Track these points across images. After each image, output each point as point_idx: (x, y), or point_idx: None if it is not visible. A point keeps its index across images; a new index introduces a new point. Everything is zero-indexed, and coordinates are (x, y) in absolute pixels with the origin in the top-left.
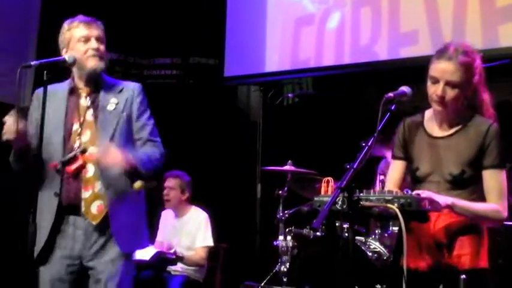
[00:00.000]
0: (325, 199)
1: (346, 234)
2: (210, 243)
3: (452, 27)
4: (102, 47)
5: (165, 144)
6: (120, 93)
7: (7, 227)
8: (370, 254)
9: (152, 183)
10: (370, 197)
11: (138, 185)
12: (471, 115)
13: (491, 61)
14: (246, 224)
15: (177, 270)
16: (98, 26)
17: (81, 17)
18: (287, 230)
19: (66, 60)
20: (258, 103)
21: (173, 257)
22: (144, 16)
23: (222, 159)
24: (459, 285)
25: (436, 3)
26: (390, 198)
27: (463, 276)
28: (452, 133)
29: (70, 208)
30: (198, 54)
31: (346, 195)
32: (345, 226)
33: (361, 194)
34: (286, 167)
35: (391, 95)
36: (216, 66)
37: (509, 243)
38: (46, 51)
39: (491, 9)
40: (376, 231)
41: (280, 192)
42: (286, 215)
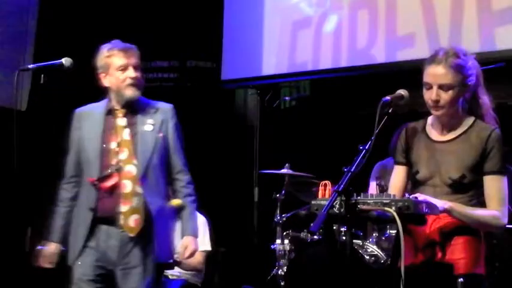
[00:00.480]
0: (323, 202)
1: (343, 237)
2: (208, 248)
3: (449, 31)
4: (138, 74)
5: None
6: (155, 113)
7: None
8: (367, 257)
9: None
10: (368, 201)
11: (175, 202)
12: (473, 120)
13: (488, 64)
14: (244, 227)
15: (174, 274)
16: (135, 53)
17: (120, 43)
18: (284, 233)
19: (63, 64)
20: (255, 106)
21: (170, 261)
22: (141, 19)
23: (219, 163)
24: None
25: (433, 6)
26: (388, 201)
27: (461, 280)
28: (454, 138)
29: (105, 220)
30: (196, 58)
31: (343, 198)
32: (343, 229)
33: (359, 197)
34: (284, 171)
35: (388, 98)
36: (213, 69)
37: (506, 247)
38: (43, 55)
39: (488, 12)
40: (374, 235)
41: (277, 195)
42: (284, 219)
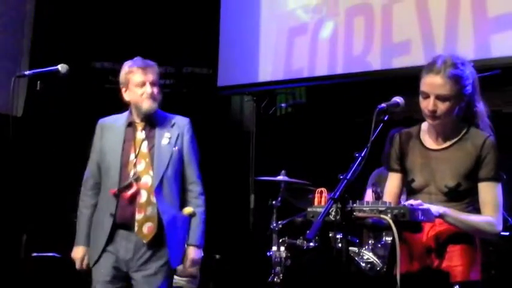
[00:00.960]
0: (319, 210)
1: (339, 245)
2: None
3: (445, 38)
4: (155, 89)
5: None
6: (172, 127)
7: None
8: (363, 264)
9: None
10: (364, 208)
11: (187, 211)
12: (467, 127)
13: (483, 71)
14: (240, 234)
15: None
16: (153, 69)
17: (139, 61)
18: (280, 240)
19: (59, 71)
20: (251, 113)
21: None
22: (138, 25)
23: (215, 169)
24: None
25: (429, 13)
26: (383, 209)
27: (457, 287)
28: (448, 146)
29: (123, 226)
30: (192, 64)
31: (339, 206)
32: (339, 237)
33: (355, 204)
34: (280, 177)
35: (383, 105)
36: (209, 75)
37: (502, 254)
38: (39, 61)
39: (483, 19)
40: (370, 242)
41: (273, 202)
42: (280, 226)
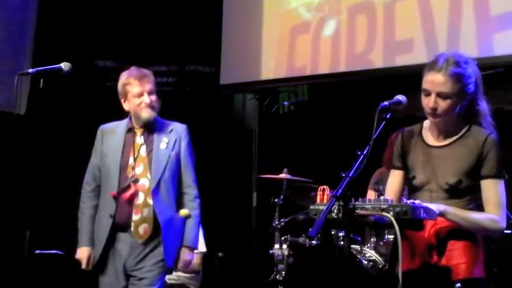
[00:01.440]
0: (321, 207)
1: (341, 242)
2: (204, 249)
3: (447, 36)
4: (153, 97)
5: None
6: (170, 133)
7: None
8: (365, 262)
9: None
10: (366, 206)
11: (183, 213)
12: (469, 125)
13: (486, 69)
14: (242, 232)
15: (172, 278)
16: (150, 78)
17: (135, 71)
18: (283, 238)
19: (62, 69)
20: (253, 111)
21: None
22: (140, 24)
23: (218, 168)
24: None
25: (431, 11)
26: (385, 206)
27: (459, 285)
28: (450, 143)
29: (121, 227)
30: (194, 62)
31: (341, 203)
32: (341, 235)
33: (357, 202)
34: (282, 175)
35: (386, 103)
36: (212, 74)
37: (504, 252)
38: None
39: (486, 17)
40: (372, 240)
41: (276, 200)
42: (282, 223)
